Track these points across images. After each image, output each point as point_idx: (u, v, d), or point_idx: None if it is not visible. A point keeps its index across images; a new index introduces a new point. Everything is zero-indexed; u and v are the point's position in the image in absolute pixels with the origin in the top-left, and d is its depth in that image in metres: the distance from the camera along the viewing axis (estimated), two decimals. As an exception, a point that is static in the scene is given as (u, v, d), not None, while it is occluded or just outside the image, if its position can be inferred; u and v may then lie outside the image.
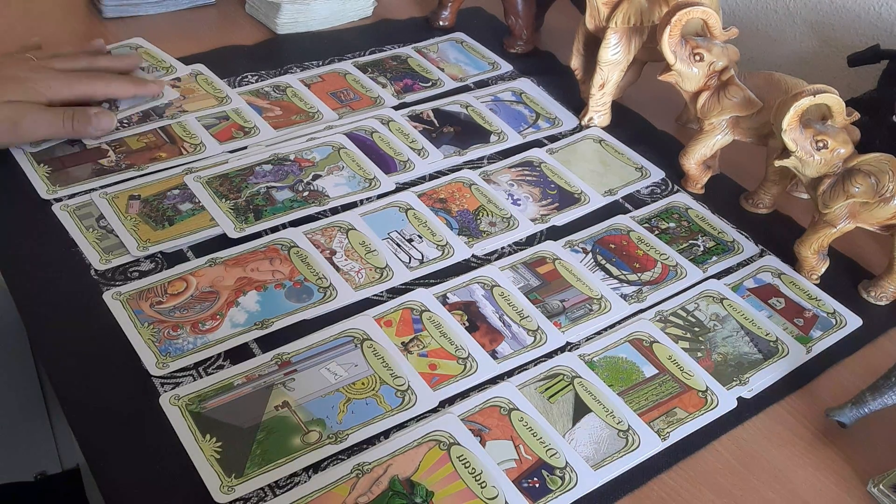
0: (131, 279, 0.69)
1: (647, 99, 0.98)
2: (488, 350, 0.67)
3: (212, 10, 1.06)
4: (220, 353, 0.64)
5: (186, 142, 0.83)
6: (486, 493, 0.57)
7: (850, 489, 0.61)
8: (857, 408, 0.62)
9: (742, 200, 0.86)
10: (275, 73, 0.96)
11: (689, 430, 0.63)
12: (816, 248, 0.76)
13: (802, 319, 0.73)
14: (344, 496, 0.56)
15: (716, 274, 0.77)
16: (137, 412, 0.60)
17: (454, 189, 0.82)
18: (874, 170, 0.70)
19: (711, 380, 0.67)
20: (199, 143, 0.83)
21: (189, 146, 0.83)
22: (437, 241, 0.76)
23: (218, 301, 0.68)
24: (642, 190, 0.86)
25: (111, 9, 1.00)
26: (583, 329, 0.70)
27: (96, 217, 0.74)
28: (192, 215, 0.75)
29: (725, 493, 0.60)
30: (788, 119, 0.70)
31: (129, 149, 0.82)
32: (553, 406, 0.63)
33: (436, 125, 0.91)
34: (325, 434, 0.59)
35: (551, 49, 1.07)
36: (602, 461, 0.60)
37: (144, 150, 0.82)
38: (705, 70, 0.79)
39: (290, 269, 0.71)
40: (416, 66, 1.00)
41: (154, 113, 0.86)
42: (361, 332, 0.66)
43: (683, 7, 0.76)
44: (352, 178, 0.82)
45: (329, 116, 0.90)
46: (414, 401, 0.62)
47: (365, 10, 1.09)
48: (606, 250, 0.78)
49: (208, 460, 0.57)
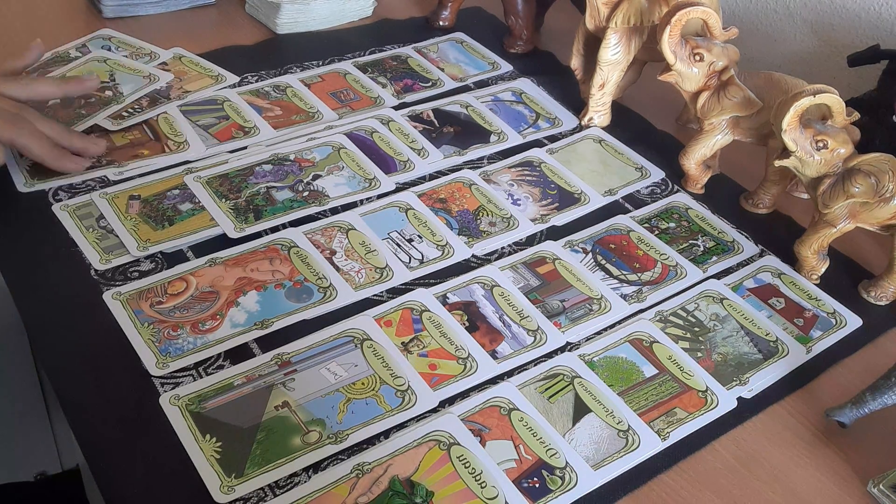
0: (131, 279, 0.69)
1: (647, 99, 0.98)
2: (488, 350, 0.67)
3: (212, 10, 1.06)
4: (220, 353, 0.64)
5: (171, 139, 0.83)
6: (486, 493, 0.57)
7: (850, 489, 0.61)
8: (857, 408, 0.62)
9: (742, 200, 0.86)
10: (275, 73, 0.96)
11: (689, 430, 0.63)
12: (816, 248, 0.76)
13: (802, 319, 0.73)
14: (344, 496, 0.56)
15: (716, 274, 0.77)
16: (137, 412, 0.60)
17: (454, 189, 0.82)
18: (874, 170, 0.70)
19: (711, 380, 0.67)
20: (184, 142, 0.83)
21: (173, 144, 0.83)
22: (437, 241, 0.76)
23: (218, 301, 0.68)
24: (642, 190, 0.86)
25: (111, 9, 1.00)
26: (583, 329, 0.70)
27: (96, 217, 0.74)
28: (192, 215, 0.75)
29: (725, 493, 0.60)
30: (788, 119, 0.70)
31: (113, 144, 0.82)
32: (553, 406, 0.63)
33: (436, 125, 0.91)
34: (325, 434, 0.59)
35: (551, 49, 1.07)
36: (602, 461, 0.60)
37: (128, 147, 0.82)
38: (705, 70, 0.79)
39: (290, 269, 0.71)
40: (416, 66, 1.00)
41: (160, 96, 0.88)
42: (361, 332, 0.66)
43: (683, 7, 0.76)
44: (352, 178, 0.82)
45: (329, 116, 0.90)
46: (414, 401, 0.62)
47: (365, 10, 1.09)
48: (606, 250, 0.78)
49: (208, 460, 0.57)
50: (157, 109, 0.86)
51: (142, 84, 0.88)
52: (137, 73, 0.90)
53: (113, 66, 0.91)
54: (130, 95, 0.87)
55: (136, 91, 0.87)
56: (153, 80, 0.89)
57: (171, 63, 0.94)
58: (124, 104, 0.86)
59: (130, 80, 0.89)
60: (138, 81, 0.89)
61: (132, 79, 0.89)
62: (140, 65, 0.91)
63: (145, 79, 0.89)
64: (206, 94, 0.90)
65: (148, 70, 0.91)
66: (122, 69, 0.90)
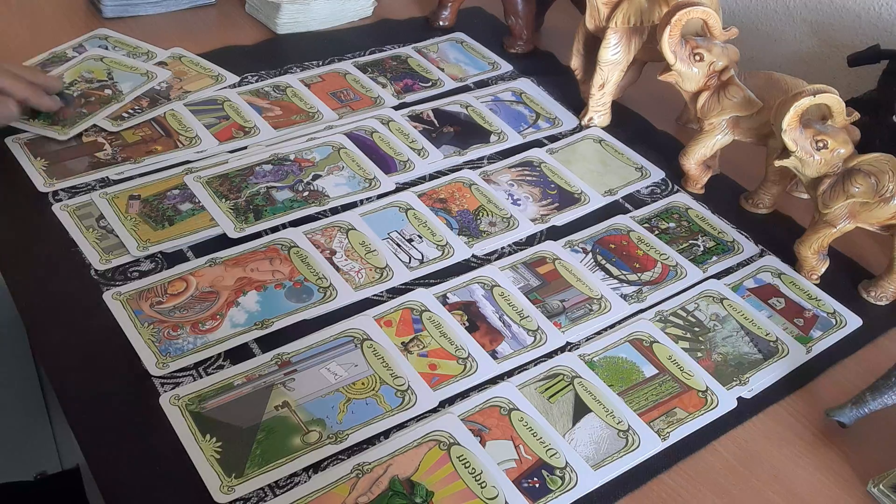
0: (131, 279, 0.69)
1: (647, 99, 0.98)
2: (488, 350, 0.67)
3: (212, 10, 1.06)
4: (220, 353, 0.64)
5: (182, 135, 0.84)
6: (486, 493, 0.57)
7: (850, 489, 0.61)
8: (857, 408, 0.62)
9: (742, 200, 0.86)
10: (275, 73, 0.96)
11: (689, 430, 0.63)
12: (816, 248, 0.76)
13: (802, 319, 0.73)
14: (344, 496, 0.56)
15: (716, 274, 0.77)
16: (137, 412, 0.60)
17: (454, 189, 0.82)
18: (874, 170, 0.70)
19: (711, 380, 0.67)
20: (195, 137, 0.83)
21: (185, 139, 0.83)
22: (437, 241, 0.76)
23: (218, 301, 0.68)
24: (642, 190, 0.86)
25: (111, 9, 1.00)
26: (583, 329, 0.70)
27: (96, 217, 0.74)
28: (192, 215, 0.75)
29: (725, 493, 0.60)
30: (788, 119, 0.70)
31: (126, 142, 0.82)
32: (553, 406, 0.63)
33: (436, 125, 0.91)
34: (325, 434, 0.59)
35: (551, 49, 1.07)
36: (602, 461, 0.60)
37: (140, 144, 0.82)
38: (705, 70, 0.79)
39: (290, 269, 0.71)
40: (416, 66, 1.00)
41: (160, 96, 0.88)
42: (361, 332, 0.66)
43: (683, 7, 0.76)
44: (352, 178, 0.82)
45: (329, 116, 0.90)
46: (414, 401, 0.62)
47: (365, 10, 1.09)
48: (606, 250, 0.78)
49: (208, 460, 0.57)
50: (163, 107, 0.86)
51: (140, 81, 0.88)
52: (135, 70, 0.90)
53: (110, 64, 0.91)
54: (130, 94, 0.87)
55: (136, 89, 0.87)
56: (151, 77, 0.89)
57: (170, 63, 0.94)
58: (124, 103, 0.86)
59: (129, 77, 0.89)
60: (137, 79, 0.89)
61: (130, 76, 0.89)
62: (138, 62, 0.91)
63: (143, 76, 0.89)
64: (206, 94, 0.90)
65: (146, 67, 0.91)
66: (119, 67, 0.91)
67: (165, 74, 0.90)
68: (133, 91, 0.87)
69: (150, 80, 0.89)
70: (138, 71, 0.90)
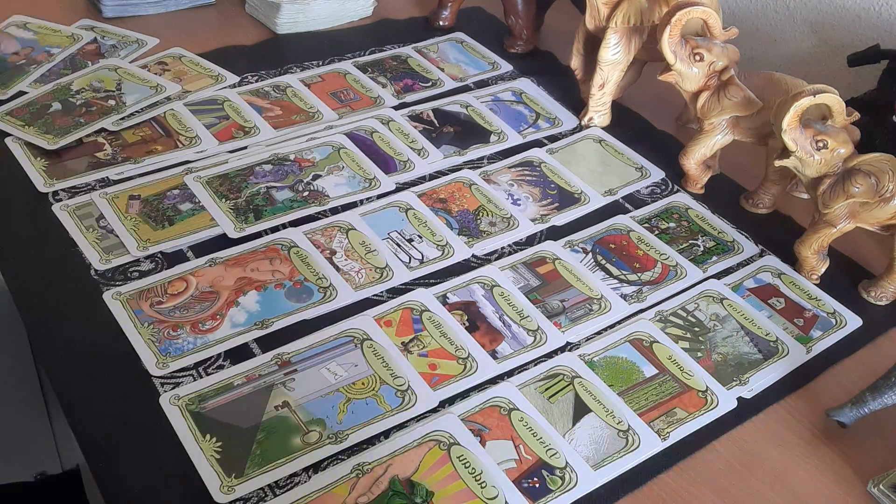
0: (131, 279, 0.69)
1: (647, 99, 0.98)
2: (488, 350, 0.67)
3: (212, 10, 1.06)
4: (220, 353, 0.64)
5: (182, 135, 0.84)
6: (486, 493, 0.57)
7: (850, 489, 0.61)
8: (857, 408, 0.62)
9: (742, 200, 0.86)
10: (275, 73, 0.96)
11: (689, 430, 0.63)
12: (816, 248, 0.76)
13: (802, 319, 0.73)
14: (344, 496, 0.56)
15: (716, 274, 0.77)
16: (137, 412, 0.60)
17: (454, 189, 0.82)
18: (874, 170, 0.70)
19: (711, 380, 0.67)
20: (195, 137, 0.83)
21: (185, 139, 0.83)
22: (437, 241, 0.76)
23: (218, 301, 0.68)
24: (642, 190, 0.86)
25: (111, 9, 1.00)
26: (583, 329, 0.70)
27: (96, 217, 0.74)
28: (192, 215, 0.75)
29: (725, 494, 0.60)
30: (788, 119, 0.70)
31: (126, 142, 0.82)
32: (553, 406, 0.63)
33: (436, 125, 0.91)
34: (325, 434, 0.59)
35: (551, 49, 1.07)
36: (602, 461, 0.60)
37: (140, 143, 0.82)
38: (705, 70, 0.79)
39: (290, 269, 0.71)
40: (416, 66, 1.00)
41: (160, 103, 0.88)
42: (361, 332, 0.66)
43: (683, 7, 0.76)
44: (352, 178, 0.82)
45: (329, 116, 0.90)
46: (414, 401, 0.62)
47: (365, 10, 1.09)
48: (606, 250, 0.78)
49: (208, 460, 0.57)
50: (163, 107, 0.86)
51: (148, 94, 0.88)
52: (146, 83, 0.89)
53: (122, 74, 0.90)
54: (132, 106, 0.86)
55: (140, 101, 0.87)
56: (160, 90, 0.88)
57: (171, 63, 0.93)
58: (124, 114, 0.85)
59: (136, 89, 0.88)
60: (144, 91, 0.88)
61: (139, 89, 0.89)
62: (150, 75, 0.90)
63: (152, 89, 0.89)
64: (206, 94, 0.90)
65: (156, 80, 0.90)
66: (131, 79, 0.90)
67: (175, 88, 0.89)
68: (137, 104, 0.86)
69: (159, 92, 0.88)
70: (148, 83, 0.89)
